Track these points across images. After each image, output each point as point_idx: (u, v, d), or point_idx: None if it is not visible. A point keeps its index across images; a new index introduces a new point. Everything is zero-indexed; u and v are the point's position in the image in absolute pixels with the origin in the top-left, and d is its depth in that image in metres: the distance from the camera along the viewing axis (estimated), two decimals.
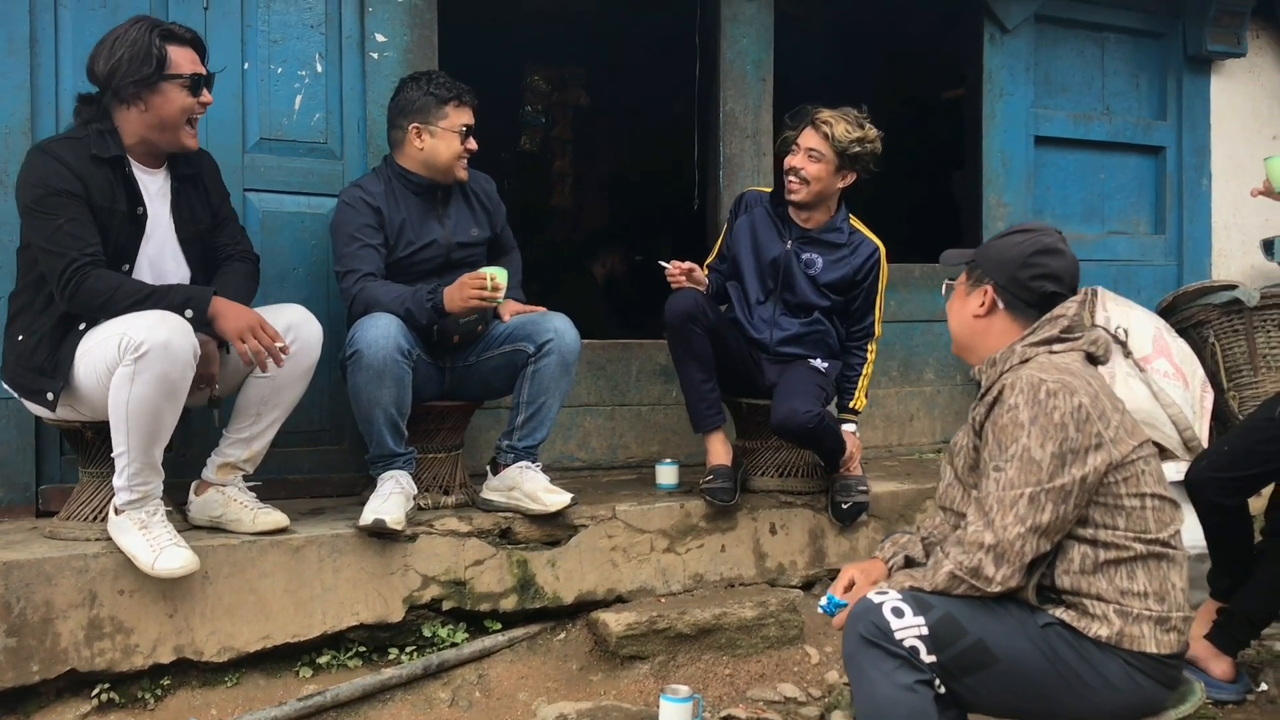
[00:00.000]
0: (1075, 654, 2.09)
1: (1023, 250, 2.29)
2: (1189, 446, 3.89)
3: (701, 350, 3.55)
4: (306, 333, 3.03)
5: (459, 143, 3.39)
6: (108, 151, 2.85)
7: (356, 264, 3.29)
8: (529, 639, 3.35)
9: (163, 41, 2.85)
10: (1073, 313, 2.26)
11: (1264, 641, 3.44)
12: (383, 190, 3.39)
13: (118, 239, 2.87)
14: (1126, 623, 2.08)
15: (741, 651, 3.36)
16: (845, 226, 3.74)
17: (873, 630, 2.08)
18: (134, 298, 2.76)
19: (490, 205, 3.64)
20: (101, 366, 2.71)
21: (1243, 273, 5.39)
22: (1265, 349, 4.38)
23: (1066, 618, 2.11)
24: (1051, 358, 2.20)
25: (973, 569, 2.10)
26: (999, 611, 2.12)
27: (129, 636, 2.87)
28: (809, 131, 3.60)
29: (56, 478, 3.37)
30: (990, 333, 2.33)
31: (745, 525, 3.67)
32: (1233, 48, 5.33)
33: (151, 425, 2.72)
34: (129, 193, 2.90)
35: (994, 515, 2.10)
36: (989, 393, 2.24)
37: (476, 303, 3.24)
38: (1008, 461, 2.11)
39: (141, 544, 2.80)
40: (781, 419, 3.45)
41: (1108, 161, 5.31)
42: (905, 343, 4.83)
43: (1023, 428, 2.10)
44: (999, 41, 4.96)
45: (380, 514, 3.09)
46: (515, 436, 3.39)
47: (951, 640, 2.08)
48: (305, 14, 3.68)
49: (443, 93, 3.36)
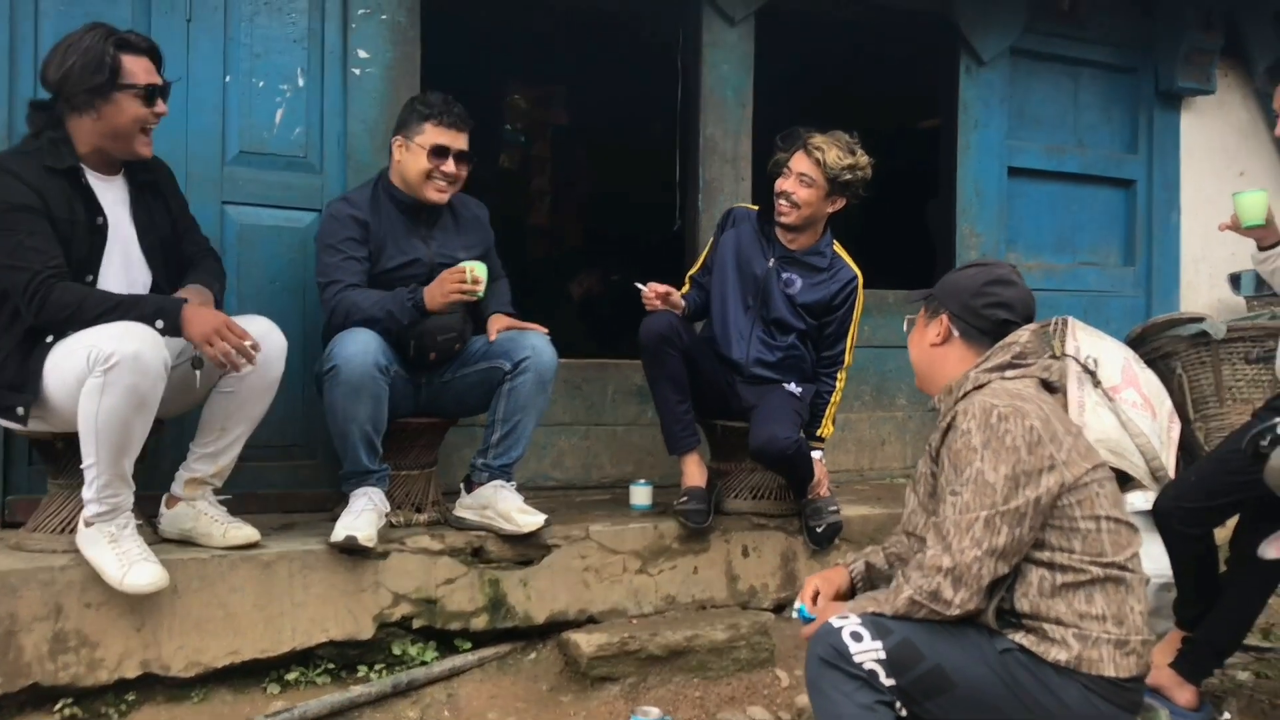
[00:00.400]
0: (1034, 680, 2.11)
1: (976, 280, 2.37)
2: (1156, 476, 3.92)
3: (676, 372, 3.57)
4: (270, 345, 2.98)
5: (426, 159, 3.34)
6: (62, 162, 2.83)
7: (338, 275, 3.28)
8: (499, 659, 3.34)
9: (117, 50, 2.82)
10: (1025, 339, 2.31)
11: (1228, 670, 3.48)
12: (369, 204, 3.38)
13: (80, 250, 2.85)
14: (1085, 646, 2.11)
15: (712, 674, 3.36)
16: (829, 251, 3.78)
17: (831, 653, 2.13)
18: (102, 307, 2.74)
19: (480, 230, 3.62)
20: (71, 378, 2.68)
21: (1210, 305, 5.47)
22: (1231, 381, 4.44)
23: (1026, 643, 2.14)
24: (1004, 384, 2.24)
25: (931, 592, 2.13)
26: (958, 637, 2.15)
27: (94, 650, 2.84)
28: (801, 156, 3.63)
29: (24, 489, 3.34)
30: (948, 361, 2.38)
31: (718, 547, 3.68)
32: (1202, 85, 5.43)
33: (121, 437, 2.69)
34: (87, 203, 2.88)
35: (951, 539, 2.13)
36: (944, 419, 2.28)
37: (458, 296, 3.23)
38: (963, 486, 2.15)
39: (110, 558, 2.77)
40: (761, 444, 3.46)
41: (1080, 193, 5.39)
42: (878, 368, 4.86)
43: (976, 452, 2.14)
44: (975, 74, 5.03)
45: (352, 530, 3.08)
46: (490, 454, 3.39)
47: (909, 665, 2.12)
48: (288, 29, 3.69)
49: (424, 109, 3.36)
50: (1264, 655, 3.71)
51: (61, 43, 2.84)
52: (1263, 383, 4.41)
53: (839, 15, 5.02)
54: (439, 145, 3.34)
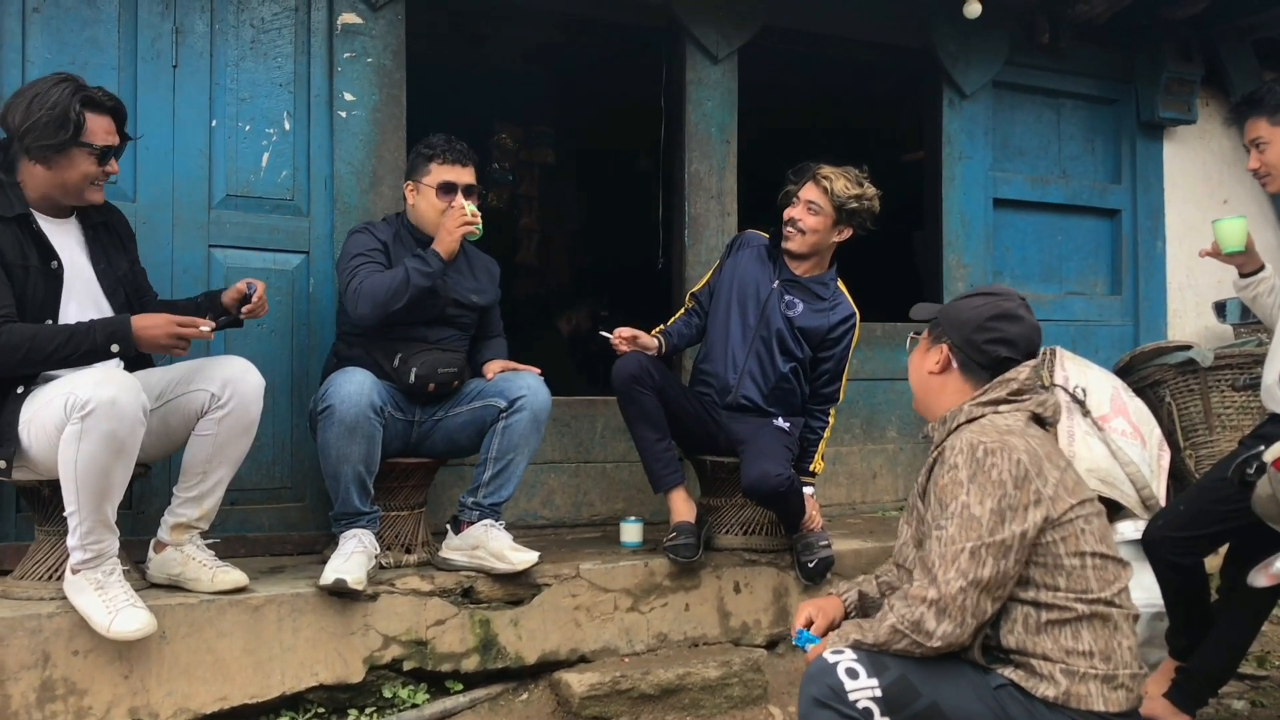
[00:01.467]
0: (1027, 715, 2.10)
1: (981, 313, 2.33)
2: (1147, 505, 3.92)
3: (651, 410, 3.59)
4: (245, 388, 2.97)
5: (435, 197, 3.42)
6: (11, 210, 2.84)
7: (363, 272, 3.32)
8: (491, 699, 3.32)
9: (82, 108, 2.84)
10: (1024, 376, 2.30)
11: (1223, 700, 3.47)
12: (391, 236, 3.47)
13: (35, 295, 2.85)
14: (1073, 682, 2.09)
15: (705, 712, 3.34)
16: (832, 285, 3.85)
17: (827, 692, 2.10)
18: (55, 341, 2.74)
19: (490, 282, 3.69)
20: (50, 426, 2.68)
21: (1197, 333, 5.50)
22: (1219, 408, 4.44)
23: (1016, 678, 2.12)
24: (995, 419, 2.24)
25: (914, 623, 2.11)
26: (953, 673, 2.13)
27: (82, 698, 2.82)
28: (809, 185, 3.71)
29: (11, 535, 3.32)
30: (945, 391, 2.37)
31: (709, 584, 3.67)
32: (1184, 114, 5.48)
33: (101, 483, 2.68)
34: (40, 248, 2.88)
35: (936, 571, 2.12)
36: (932, 453, 2.28)
37: (465, 229, 3.33)
38: (949, 519, 2.14)
39: (97, 605, 2.75)
40: (754, 481, 3.47)
41: (1065, 223, 5.43)
42: (868, 401, 4.87)
43: (962, 485, 2.13)
44: (958, 106, 5.07)
45: (342, 573, 3.06)
46: (481, 493, 3.38)
47: (905, 703, 2.09)
48: (274, 73, 3.71)
49: (428, 151, 3.45)
50: (1259, 683, 3.70)
51: (29, 89, 2.86)
52: (1251, 409, 4.41)
53: (822, 51, 5.06)
54: (446, 182, 3.42)
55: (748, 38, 4.57)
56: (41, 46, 3.40)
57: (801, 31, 4.76)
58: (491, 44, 5.98)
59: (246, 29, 3.68)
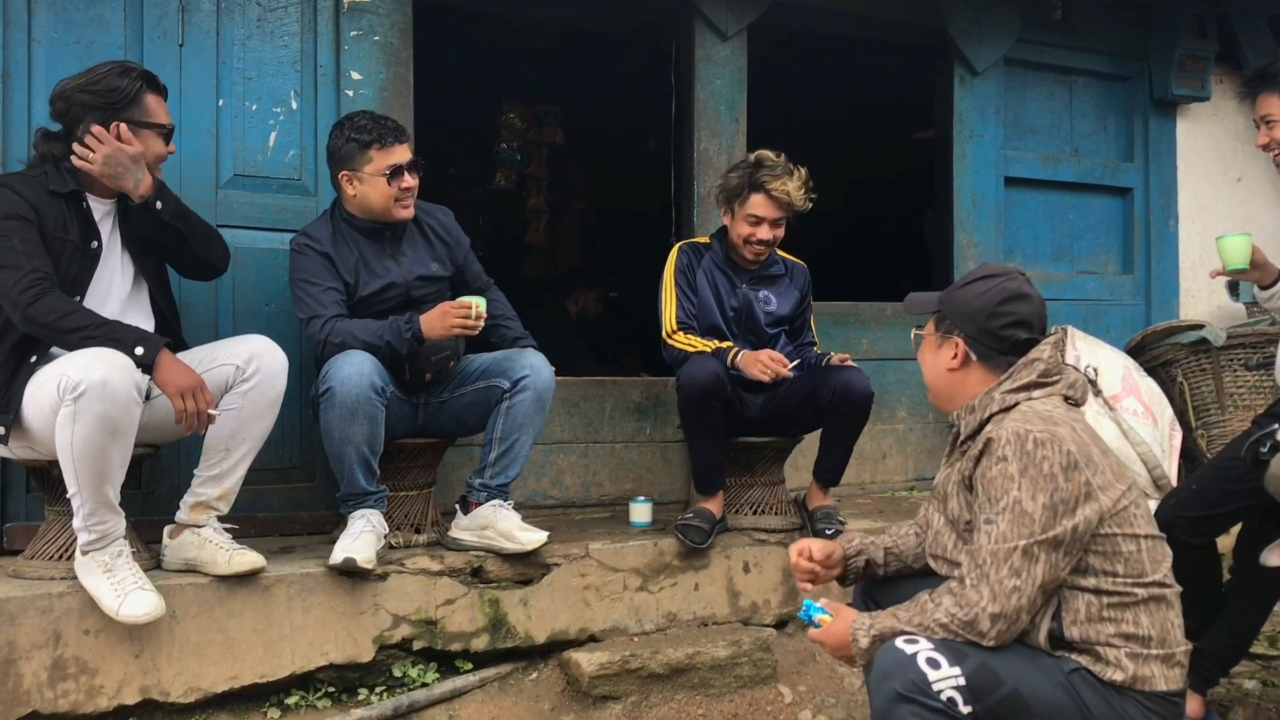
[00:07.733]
0: (1100, 699, 2.09)
1: (989, 299, 2.29)
2: (1158, 485, 3.91)
3: (717, 423, 3.58)
4: (270, 363, 2.98)
5: (387, 184, 3.29)
6: (65, 187, 2.87)
7: (319, 309, 3.25)
8: (500, 679, 3.32)
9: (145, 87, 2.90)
10: (1047, 355, 2.27)
11: (1234, 679, 3.46)
12: (330, 235, 3.35)
13: (69, 269, 2.87)
14: (1138, 665, 2.10)
15: (714, 691, 3.34)
16: (777, 258, 3.88)
17: (910, 686, 2.05)
18: (88, 324, 2.75)
19: (449, 239, 3.57)
20: (47, 408, 2.68)
21: (1209, 312, 5.46)
22: (1232, 388, 4.43)
23: (1084, 662, 2.12)
24: (1033, 404, 2.20)
25: (967, 622, 2.09)
26: (1030, 659, 2.11)
27: (94, 677, 2.83)
28: (766, 203, 3.64)
29: (22, 515, 3.33)
30: (967, 383, 2.33)
31: (719, 564, 3.67)
32: (1197, 92, 5.43)
33: (99, 465, 2.67)
34: (83, 226, 2.91)
35: (988, 569, 2.09)
36: (974, 443, 2.24)
37: (459, 331, 3.22)
38: (999, 514, 2.11)
39: (106, 588, 2.76)
40: (846, 384, 3.52)
41: (1077, 202, 5.39)
42: (878, 381, 4.82)
43: (1013, 480, 2.10)
44: (969, 84, 5.03)
45: (351, 553, 3.06)
46: (488, 474, 3.37)
47: (989, 690, 2.06)
48: (281, 51, 3.69)
49: (363, 136, 3.27)
50: (1270, 663, 3.69)
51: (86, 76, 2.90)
52: (1264, 389, 4.40)
53: (832, 28, 5.03)
54: (394, 166, 3.28)
55: (757, 15, 4.53)
56: (48, 25, 3.38)
57: (811, 8, 4.72)
58: (499, 21, 5.94)
59: (253, 7, 3.66)
